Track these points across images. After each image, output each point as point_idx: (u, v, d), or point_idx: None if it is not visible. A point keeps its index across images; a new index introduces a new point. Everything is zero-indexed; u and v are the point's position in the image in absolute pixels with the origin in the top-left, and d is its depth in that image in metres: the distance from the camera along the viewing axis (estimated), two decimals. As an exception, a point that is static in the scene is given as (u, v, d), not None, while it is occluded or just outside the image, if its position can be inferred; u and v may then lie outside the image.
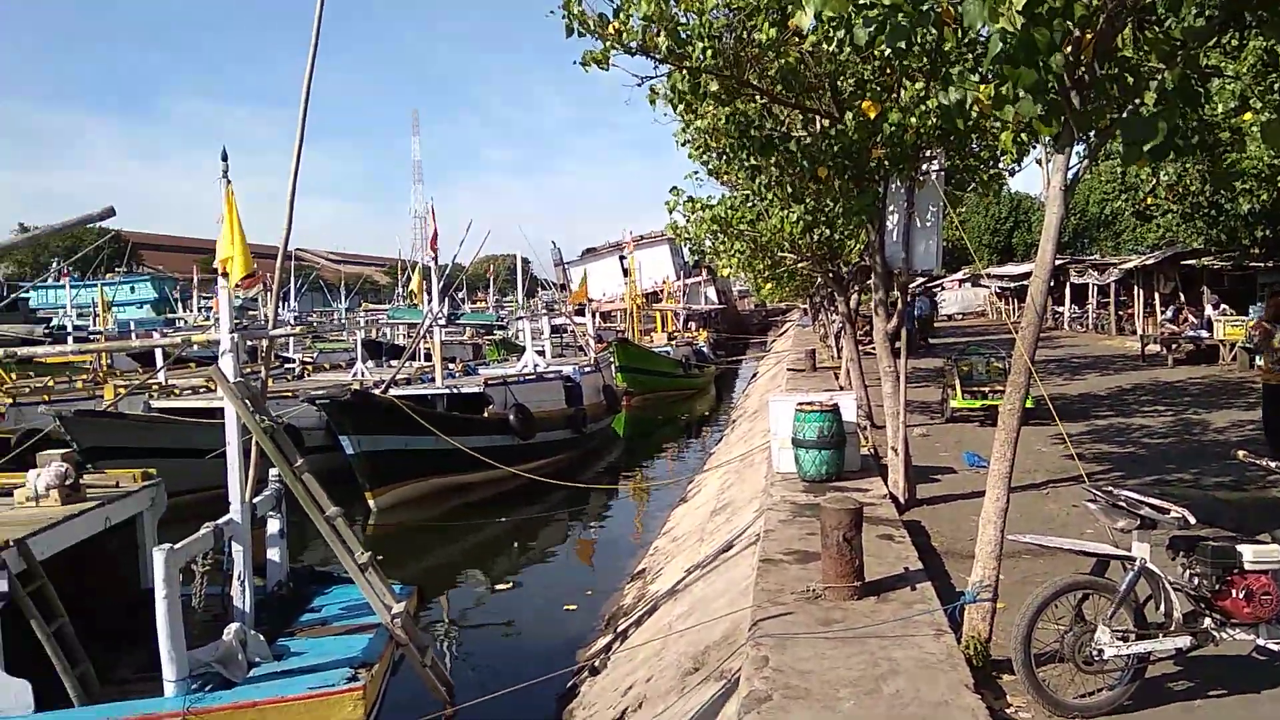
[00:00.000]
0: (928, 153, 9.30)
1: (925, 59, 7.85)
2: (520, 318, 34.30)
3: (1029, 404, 7.19)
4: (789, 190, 10.32)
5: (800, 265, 16.32)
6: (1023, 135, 8.10)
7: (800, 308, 52.84)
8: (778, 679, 4.92)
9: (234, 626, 6.50)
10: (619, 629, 9.20)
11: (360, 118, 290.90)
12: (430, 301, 21.44)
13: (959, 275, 53.04)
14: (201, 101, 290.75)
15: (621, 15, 8.00)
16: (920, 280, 34.11)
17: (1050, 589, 4.96)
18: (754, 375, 37.74)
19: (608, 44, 8.06)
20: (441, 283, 21.27)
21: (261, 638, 6.68)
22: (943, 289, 54.73)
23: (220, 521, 6.94)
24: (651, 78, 8.87)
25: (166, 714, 5.65)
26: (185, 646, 5.97)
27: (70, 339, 34.29)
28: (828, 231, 12.14)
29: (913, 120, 8.33)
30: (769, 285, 21.57)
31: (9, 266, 72.61)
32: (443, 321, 22.14)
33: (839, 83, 9.32)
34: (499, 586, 12.38)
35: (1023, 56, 4.44)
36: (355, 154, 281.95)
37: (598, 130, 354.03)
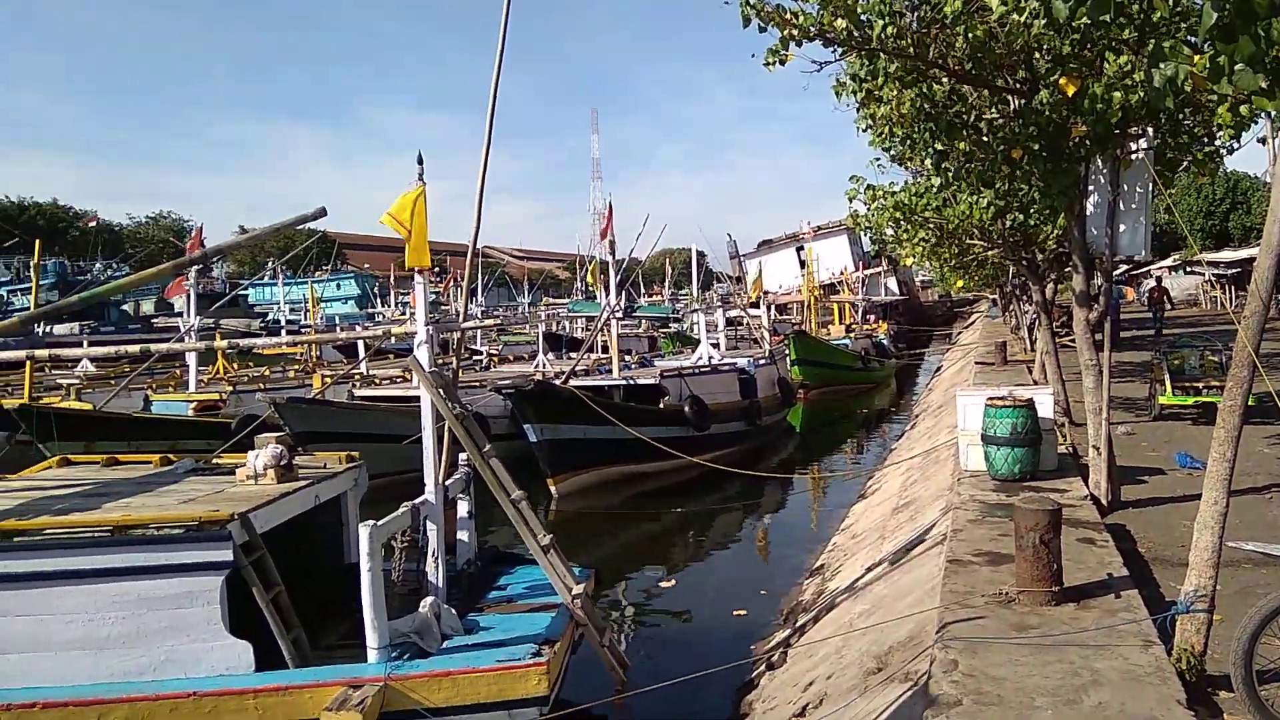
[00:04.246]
0: (1134, 130, 8.64)
1: (1131, 29, 7.29)
2: (695, 310, 34.44)
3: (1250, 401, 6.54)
4: (979, 174, 9.84)
5: (990, 253, 15.55)
6: (1242, 109, 7.39)
7: (989, 298, 50.40)
8: (968, 684, 4.72)
9: (429, 600, 6.88)
10: (797, 624, 9.09)
11: (544, 119, 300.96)
12: (608, 295, 21.90)
13: (1169, 261, 49.04)
14: (399, 110, 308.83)
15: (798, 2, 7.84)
16: (1124, 267, 31.90)
17: (1276, 600, 4.51)
18: (938, 369, 36.34)
19: (785, 32, 7.91)
20: (618, 277, 21.66)
21: (454, 612, 7.04)
22: (1150, 276, 50.80)
23: (416, 501, 7.35)
24: (829, 63, 8.65)
25: (369, 679, 6.06)
26: (387, 617, 6.38)
27: (284, 332, 37.34)
28: (1021, 217, 11.52)
29: (1117, 96, 7.74)
30: (955, 275, 20.65)
31: (231, 265, 79.70)
32: (620, 315, 22.52)
33: (1034, 58, 8.79)
34: (674, 575, 12.50)
35: (1240, 25, 4.03)
36: (538, 154, 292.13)
37: (768, 121, 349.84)
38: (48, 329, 38.99)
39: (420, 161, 7.99)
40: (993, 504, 8.62)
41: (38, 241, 20.64)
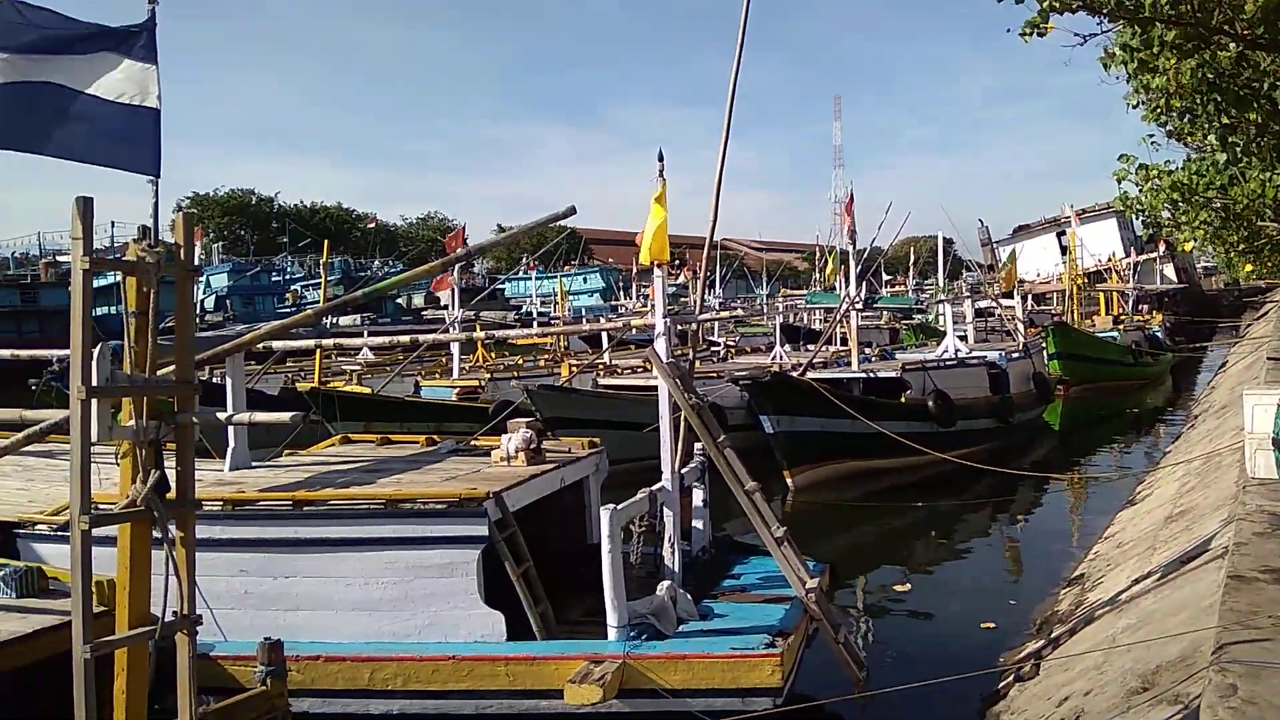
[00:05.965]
0: None
1: None
2: (941, 301, 32.99)
3: None
4: (1272, 148, 8.74)
5: (1288, 235, 13.75)
6: None
7: (1286, 286, 44.62)
8: (1249, 712, 4.24)
9: (666, 584, 7.08)
10: (1051, 635, 8.53)
11: (785, 108, 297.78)
12: (847, 286, 21.44)
13: None
14: (641, 107, 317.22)
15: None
16: None
17: None
18: (1223, 364, 32.66)
19: (1045, 5, 7.39)
20: (859, 267, 21.16)
21: (689, 597, 7.20)
22: None
23: (654, 488, 7.58)
24: (1094, 34, 7.97)
25: (609, 655, 6.32)
26: (626, 598, 6.63)
27: (535, 323, 39.59)
28: (1326, 194, 10.12)
29: None
30: (1244, 260, 18.47)
31: (490, 262, 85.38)
32: (859, 306, 21.98)
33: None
34: (913, 577, 12.06)
35: None
36: (779, 144, 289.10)
37: (1024, 97, 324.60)
38: (334, 321, 43.55)
39: (661, 158, 8.21)
40: (1287, 517, 7.65)
41: (325, 242, 23.21)
